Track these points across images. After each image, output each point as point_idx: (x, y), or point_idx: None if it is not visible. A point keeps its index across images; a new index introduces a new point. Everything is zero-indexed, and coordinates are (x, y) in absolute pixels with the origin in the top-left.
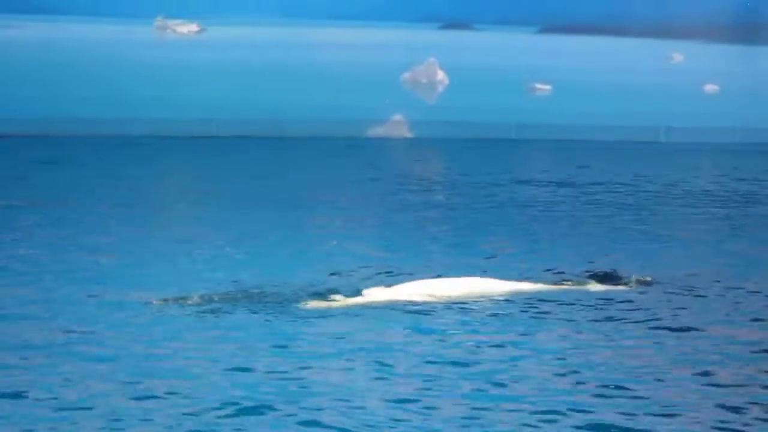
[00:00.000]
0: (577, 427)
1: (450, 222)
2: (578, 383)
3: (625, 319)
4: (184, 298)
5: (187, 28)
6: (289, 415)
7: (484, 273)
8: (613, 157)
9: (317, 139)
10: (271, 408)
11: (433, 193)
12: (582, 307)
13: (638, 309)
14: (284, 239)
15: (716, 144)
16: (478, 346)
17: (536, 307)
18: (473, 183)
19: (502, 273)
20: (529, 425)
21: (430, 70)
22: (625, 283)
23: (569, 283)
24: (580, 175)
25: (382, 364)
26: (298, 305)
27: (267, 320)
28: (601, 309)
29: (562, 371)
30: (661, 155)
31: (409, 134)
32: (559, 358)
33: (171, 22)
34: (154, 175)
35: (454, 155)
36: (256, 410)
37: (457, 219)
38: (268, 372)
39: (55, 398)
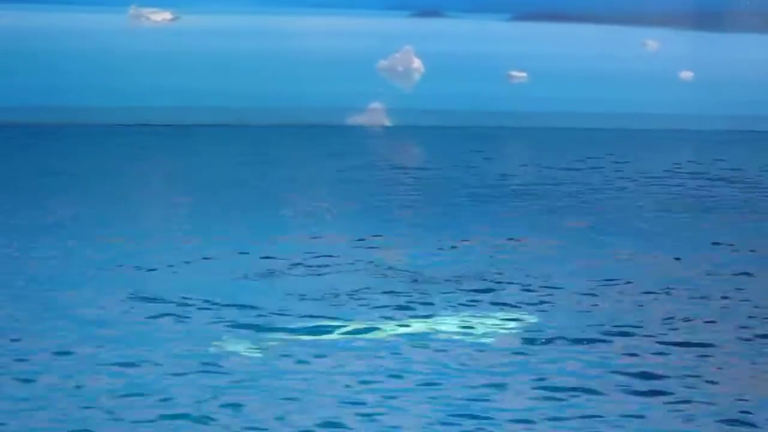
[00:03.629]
0: None
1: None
2: None
3: None
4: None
5: (161, 17)
6: None
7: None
8: (588, 143)
9: (294, 126)
10: None
11: (400, 179)
12: None
13: None
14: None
15: (693, 131)
16: None
17: None
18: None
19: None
20: None
21: (405, 58)
22: None
23: None
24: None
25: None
26: None
27: None
28: None
29: None
30: (636, 141)
31: (387, 122)
32: None
33: (145, 11)
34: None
35: (428, 143)
36: None
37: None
38: None
39: None
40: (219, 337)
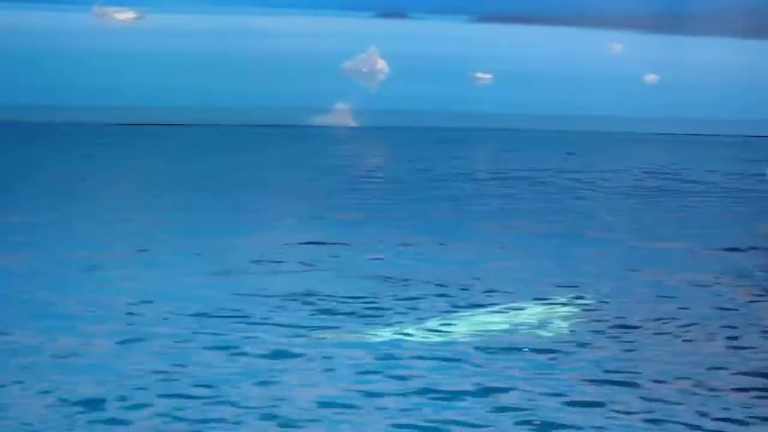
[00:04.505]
0: None
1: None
2: None
3: None
4: None
5: (125, 15)
6: None
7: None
8: (548, 146)
9: (259, 126)
10: None
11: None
12: None
13: None
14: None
15: (657, 134)
16: None
17: None
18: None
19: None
20: None
21: (370, 58)
22: None
23: None
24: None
25: None
26: None
27: None
28: None
29: None
30: (598, 144)
31: (353, 123)
32: None
33: (109, 9)
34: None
35: (392, 143)
36: None
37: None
38: None
39: None
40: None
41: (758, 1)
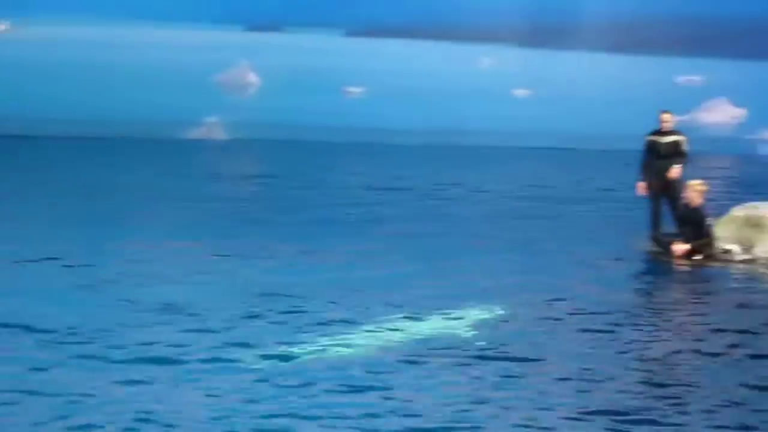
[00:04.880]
0: None
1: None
2: None
3: None
4: None
5: None
6: None
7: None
8: (418, 160)
9: (129, 139)
10: None
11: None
12: None
13: None
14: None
15: (526, 148)
16: None
17: None
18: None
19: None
20: None
21: (242, 71)
22: None
23: None
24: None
25: None
26: None
27: None
28: None
29: None
30: (463, 158)
31: (224, 136)
32: None
33: None
34: None
35: (264, 156)
36: None
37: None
38: None
39: None
40: None
41: (625, 17)
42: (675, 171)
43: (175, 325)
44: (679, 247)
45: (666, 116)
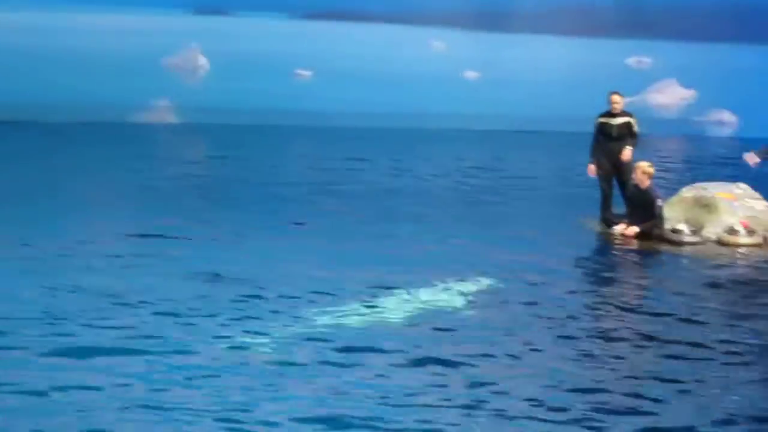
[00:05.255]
0: None
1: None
2: None
3: None
4: None
5: None
6: None
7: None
8: (366, 142)
9: (80, 124)
10: None
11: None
12: None
13: None
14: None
15: (478, 131)
16: None
17: None
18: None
19: None
20: None
21: (191, 55)
22: None
23: None
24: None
25: None
26: None
27: None
28: None
29: None
30: (417, 141)
31: (174, 119)
32: None
33: None
34: None
35: (213, 140)
36: None
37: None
38: None
39: None
40: None
41: (577, 1)
42: (626, 153)
43: (116, 310)
44: (629, 229)
45: (616, 97)
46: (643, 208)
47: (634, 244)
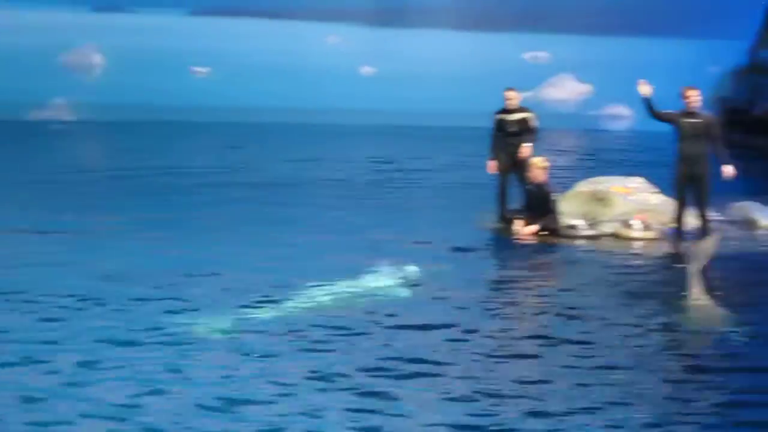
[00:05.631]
0: None
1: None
2: None
3: None
4: None
5: None
6: None
7: None
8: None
9: None
10: None
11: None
12: None
13: None
14: None
15: (374, 125)
16: None
17: None
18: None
19: None
20: None
21: (87, 52)
22: None
23: None
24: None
25: None
26: None
27: None
28: None
29: None
30: (313, 136)
31: (71, 117)
32: None
33: None
34: None
35: (110, 138)
36: None
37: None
38: None
39: None
40: None
41: None
42: (525, 149)
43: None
44: (528, 228)
45: (510, 93)
46: (540, 203)
47: (530, 240)
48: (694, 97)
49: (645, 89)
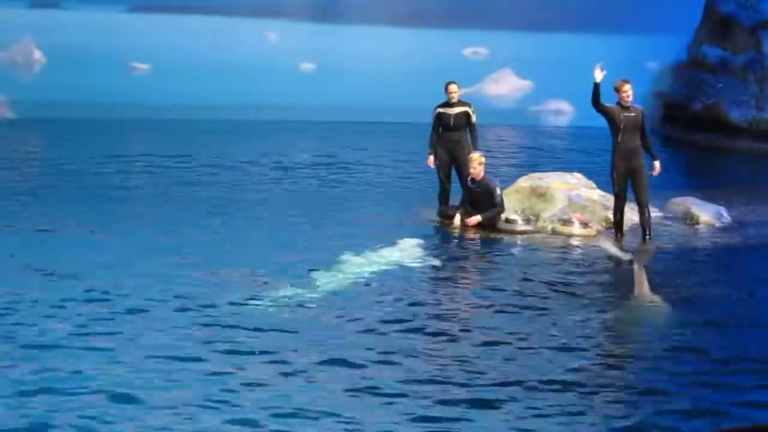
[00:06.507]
0: None
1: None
2: None
3: None
4: None
5: None
6: None
7: None
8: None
9: None
10: None
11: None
12: None
13: None
14: None
15: (314, 122)
16: None
17: None
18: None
19: None
20: None
21: (26, 49)
22: None
23: None
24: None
25: None
26: None
27: None
28: None
29: None
30: (254, 133)
31: (11, 115)
32: None
33: None
34: None
35: (50, 136)
36: None
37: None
38: None
39: None
40: None
41: None
42: (468, 147)
43: None
44: (471, 218)
45: (453, 87)
46: (483, 198)
47: (470, 234)
48: (630, 91)
49: (599, 75)
